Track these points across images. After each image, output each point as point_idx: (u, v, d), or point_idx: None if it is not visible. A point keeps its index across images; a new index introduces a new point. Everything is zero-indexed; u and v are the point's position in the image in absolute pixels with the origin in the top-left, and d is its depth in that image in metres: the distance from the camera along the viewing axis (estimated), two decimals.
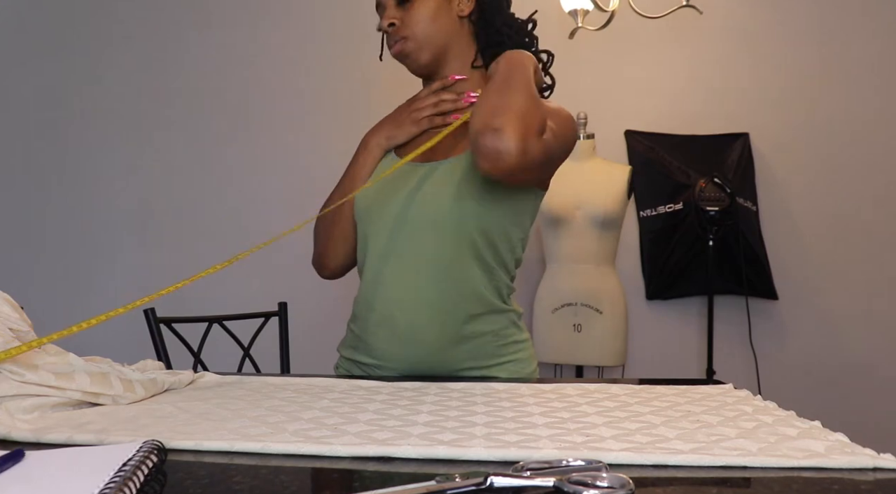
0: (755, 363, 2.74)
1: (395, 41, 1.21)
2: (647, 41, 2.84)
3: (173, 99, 3.00)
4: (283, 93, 2.94)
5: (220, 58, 2.98)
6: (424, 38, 1.19)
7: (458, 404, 0.80)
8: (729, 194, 2.53)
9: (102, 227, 3.01)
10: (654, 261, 2.84)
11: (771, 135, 2.84)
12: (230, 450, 0.61)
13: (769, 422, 0.71)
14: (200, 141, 2.98)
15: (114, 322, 3.08)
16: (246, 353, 1.76)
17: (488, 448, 0.60)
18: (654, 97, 2.88)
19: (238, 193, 2.95)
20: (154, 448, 0.55)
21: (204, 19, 3.00)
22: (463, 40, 1.23)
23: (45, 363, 0.79)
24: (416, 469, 0.57)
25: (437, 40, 1.21)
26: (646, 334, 2.83)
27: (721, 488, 0.54)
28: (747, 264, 2.71)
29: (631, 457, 0.58)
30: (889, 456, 0.58)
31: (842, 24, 2.84)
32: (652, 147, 2.85)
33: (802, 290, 2.82)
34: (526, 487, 0.50)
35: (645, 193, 2.84)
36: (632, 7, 2.37)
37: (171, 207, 2.98)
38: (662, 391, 0.89)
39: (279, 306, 1.86)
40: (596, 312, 2.43)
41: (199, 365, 1.68)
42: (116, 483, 0.47)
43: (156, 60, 3.01)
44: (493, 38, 1.24)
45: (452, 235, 1.12)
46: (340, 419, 0.72)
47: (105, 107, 3.02)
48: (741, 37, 2.86)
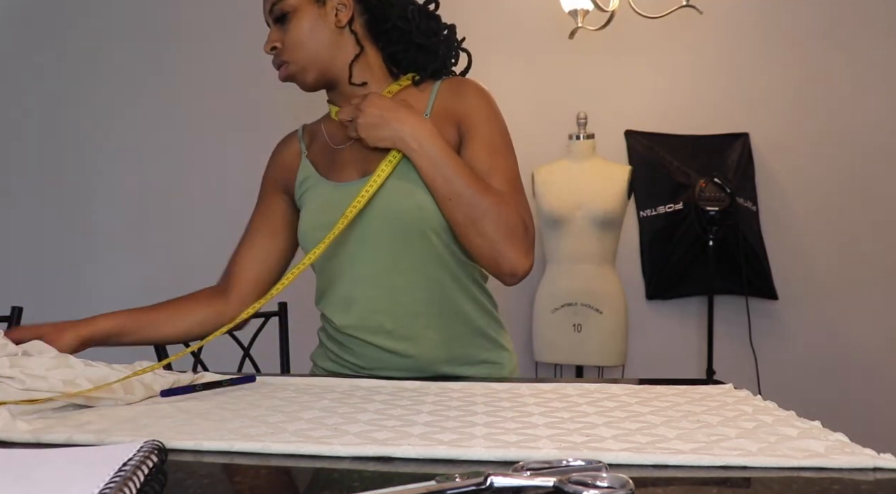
0: (755, 363, 2.74)
1: (279, 65, 1.17)
2: (647, 41, 2.84)
3: (173, 98, 3.00)
4: (284, 93, 2.93)
5: (221, 56, 2.98)
6: (305, 59, 1.15)
7: (458, 404, 0.80)
8: (729, 194, 2.53)
9: (102, 227, 3.01)
10: (654, 261, 2.84)
11: (771, 135, 2.84)
12: (230, 450, 0.61)
13: (769, 422, 0.71)
14: (201, 140, 2.98)
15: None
16: (246, 353, 1.76)
17: (488, 448, 0.60)
18: (654, 97, 2.88)
19: (238, 193, 2.94)
20: (154, 448, 0.55)
21: (206, 16, 2.99)
22: (348, 49, 1.17)
23: (48, 371, 0.79)
24: (416, 469, 0.57)
25: (319, 58, 1.15)
26: (646, 334, 2.83)
27: (721, 488, 0.54)
28: (747, 264, 2.71)
29: (631, 457, 0.58)
30: (889, 456, 0.58)
31: (842, 24, 2.84)
32: (652, 147, 2.85)
33: (802, 290, 2.82)
34: (526, 487, 0.50)
35: (645, 193, 2.84)
36: (632, 7, 2.37)
37: (171, 207, 2.98)
38: (662, 391, 0.89)
39: (279, 306, 1.87)
40: (596, 312, 2.43)
41: (198, 365, 1.68)
42: (116, 483, 0.47)
43: (156, 58, 3.01)
44: (394, 36, 1.19)
45: (424, 239, 1.11)
46: (340, 419, 0.72)
47: (105, 107, 3.02)
48: (741, 37, 2.86)
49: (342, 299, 1.15)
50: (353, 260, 1.13)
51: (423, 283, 1.12)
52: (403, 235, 1.10)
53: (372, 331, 1.12)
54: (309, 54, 1.15)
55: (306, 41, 1.14)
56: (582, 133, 2.55)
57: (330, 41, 1.16)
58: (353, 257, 1.13)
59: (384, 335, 1.12)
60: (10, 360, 0.78)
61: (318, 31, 1.15)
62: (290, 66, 1.16)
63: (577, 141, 2.56)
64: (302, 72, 1.16)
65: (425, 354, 1.12)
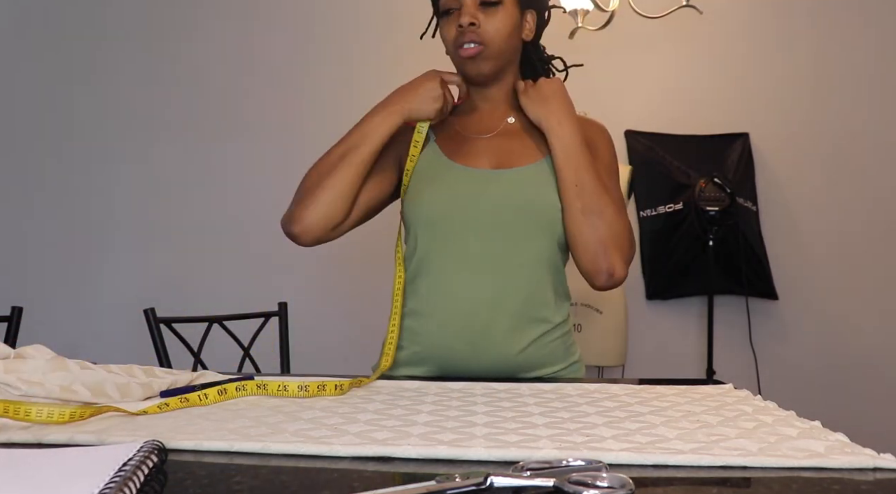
0: (755, 363, 2.73)
1: (470, 42, 1.18)
2: (647, 41, 2.84)
3: (174, 98, 2.99)
4: (284, 93, 2.94)
5: (220, 58, 2.98)
6: (498, 50, 1.20)
7: (458, 404, 0.80)
8: (729, 194, 2.53)
9: (103, 227, 3.00)
10: (654, 261, 2.84)
11: (771, 135, 2.84)
12: (230, 450, 0.61)
13: (769, 422, 0.71)
14: (201, 140, 2.98)
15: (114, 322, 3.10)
16: (246, 353, 1.76)
17: (488, 448, 0.60)
18: (654, 97, 2.88)
19: (238, 193, 2.95)
20: (154, 449, 0.55)
21: (205, 19, 2.99)
22: (517, 63, 1.27)
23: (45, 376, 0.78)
24: (416, 469, 0.57)
25: (506, 55, 1.22)
26: (646, 334, 2.82)
27: (721, 488, 0.54)
28: (747, 264, 2.71)
29: (631, 457, 0.58)
30: (889, 456, 0.58)
31: (842, 24, 2.84)
32: (652, 147, 2.85)
33: (802, 290, 2.82)
34: (526, 487, 0.50)
35: (645, 193, 2.84)
36: (632, 7, 2.37)
37: (171, 207, 2.98)
38: (662, 391, 0.89)
39: (279, 306, 1.86)
40: (596, 312, 2.43)
41: (199, 365, 1.68)
42: (116, 484, 0.47)
43: (156, 60, 3.01)
44: (528, 69, 1.30)
45: (548, 238, 1.16)
46: (340, 419, 0.72)
47: (105, 107, 3.02)
48: (741, 37, 2.86)
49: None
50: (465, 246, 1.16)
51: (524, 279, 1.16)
52: (524, 228, 1.16)
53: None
54: (503, 48, 1.20)
55: (507, 36, 1.20)
56: None
57: (516, 47, 1.24)
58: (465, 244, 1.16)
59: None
60: (5, 365, 0.77)
61: (515, 33, 1.22)
62: (486, 49, 1.18)
63: None
64: (489, 59, 1.20)
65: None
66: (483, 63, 1.20)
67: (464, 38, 1.18)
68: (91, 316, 2.88)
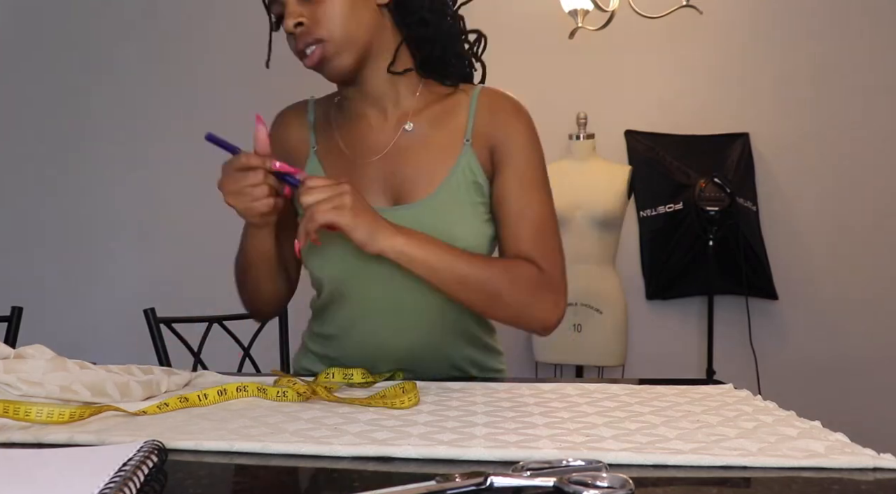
0: (755, 363, 2.73)
1: (308, 45, 0.98)
2: (647, 41, 2.84)
3: (174, 99, 2.99)
4: (284, 93, 2.94)
5: (221, 57, 2.98)
6: (344, 37, 0.97)
7: (458, 404, 0.80)
8: (729, 194, 2.53)
9: (103, 227, 3.00)
10: (654, 261, 2.85)
11: (771, 135, 2.85)
12: (230, 450, 0.61)
13: (769, 422, 0.71)
14: (202, 141, 2.98)
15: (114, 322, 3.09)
16: (246, 353, 1.76)
17: (488, 448, 0.60)
18: (654, 97, 2.88)
19: None
20: (154, 449, 0.55)
21: (207, 20, 2.99)
22: (386, 35, 1.03)
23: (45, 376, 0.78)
24: (416, 469, 0.57)
25: (360, 37, 0.98)
26: (646, 334, 2.83)
27: (721, 488, 0.54)
28: (747, 264, 2.71)
29: (631, 457, 0.58)
30: (889, 456, 0.58)
31: (842, 24, 2.84)
32: (652, 147, 2.85)
33: (802, 290, 2.82)
34: (526, 487, 0.50)
35: (645, 193, 2.84)
36: (632, 7, 2.37)
37: (171, 207, 2.98)
38: (662, 391, 0.88)
39: None
40: (596, 312, 2.44)
41: (199, 365, 1.68)
42: (116, 484, 0.47)
43: (157, 60, 3.01)
44: (416, 30, 1.03)
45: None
46: (340, 419, 0.72)
47: (105, 108, 3.02)
48: (741, 37, 2.86)
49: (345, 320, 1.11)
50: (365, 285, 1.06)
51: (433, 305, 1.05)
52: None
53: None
54: (350, 32, 0.97)
55: (348, 15, 0.97)
56: (582, 133, 2.55)
57: (371, 20, 1.00)
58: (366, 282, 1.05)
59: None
60: (5, 365, 0.77)
61: (359, 5, 0.98)
62: (327, 45, 0.97)
63: (577, 141, 2.56)
64: (340, 53, 0.98)
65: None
66: (335, 61, 0.99)
67: (298, 44, 0.99)
68: (91, 316, 2.88)
